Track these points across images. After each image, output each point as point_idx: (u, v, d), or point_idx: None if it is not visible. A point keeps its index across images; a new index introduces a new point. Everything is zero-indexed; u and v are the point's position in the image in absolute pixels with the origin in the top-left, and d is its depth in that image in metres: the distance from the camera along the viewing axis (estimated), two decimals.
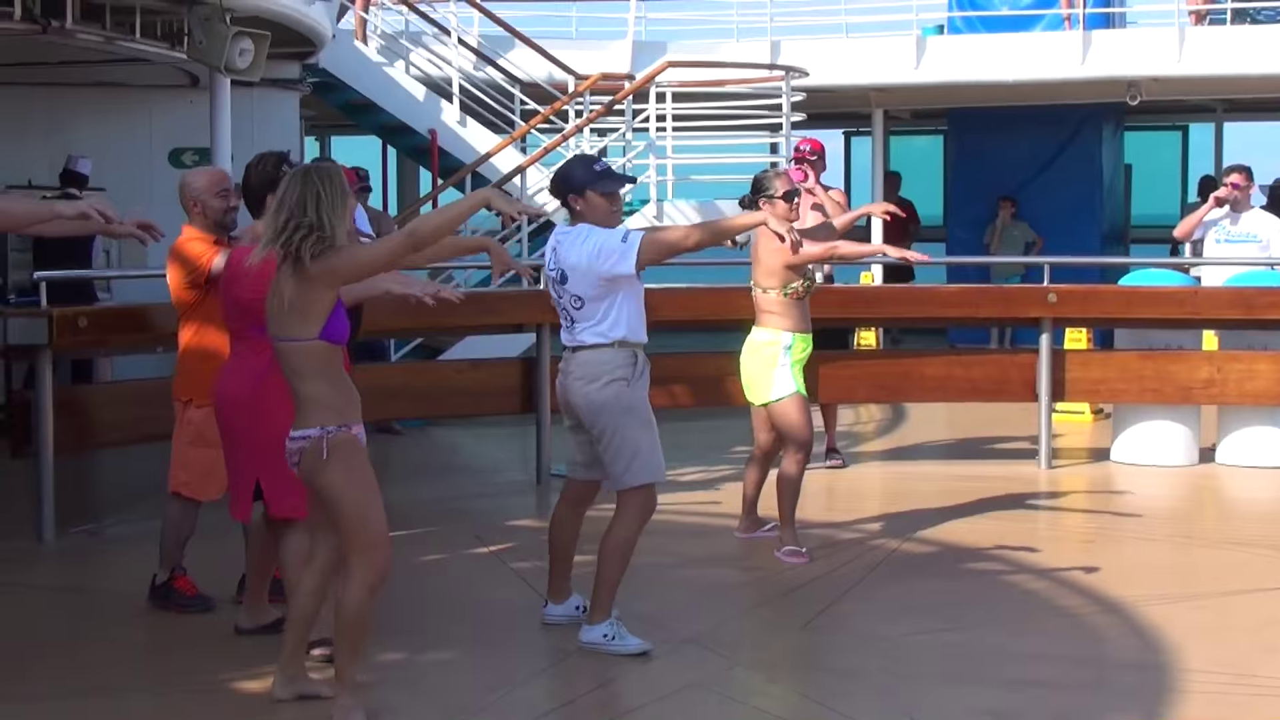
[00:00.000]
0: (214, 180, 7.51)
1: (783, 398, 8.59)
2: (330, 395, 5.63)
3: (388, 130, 16.92)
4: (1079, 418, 13.82)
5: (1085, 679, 6.58)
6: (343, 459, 5.63)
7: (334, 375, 5.67)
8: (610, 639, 6.79)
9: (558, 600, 7.20)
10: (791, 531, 8.62)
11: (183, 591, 7.51)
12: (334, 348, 5.68)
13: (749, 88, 16.14)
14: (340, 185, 5.63)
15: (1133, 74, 17.21)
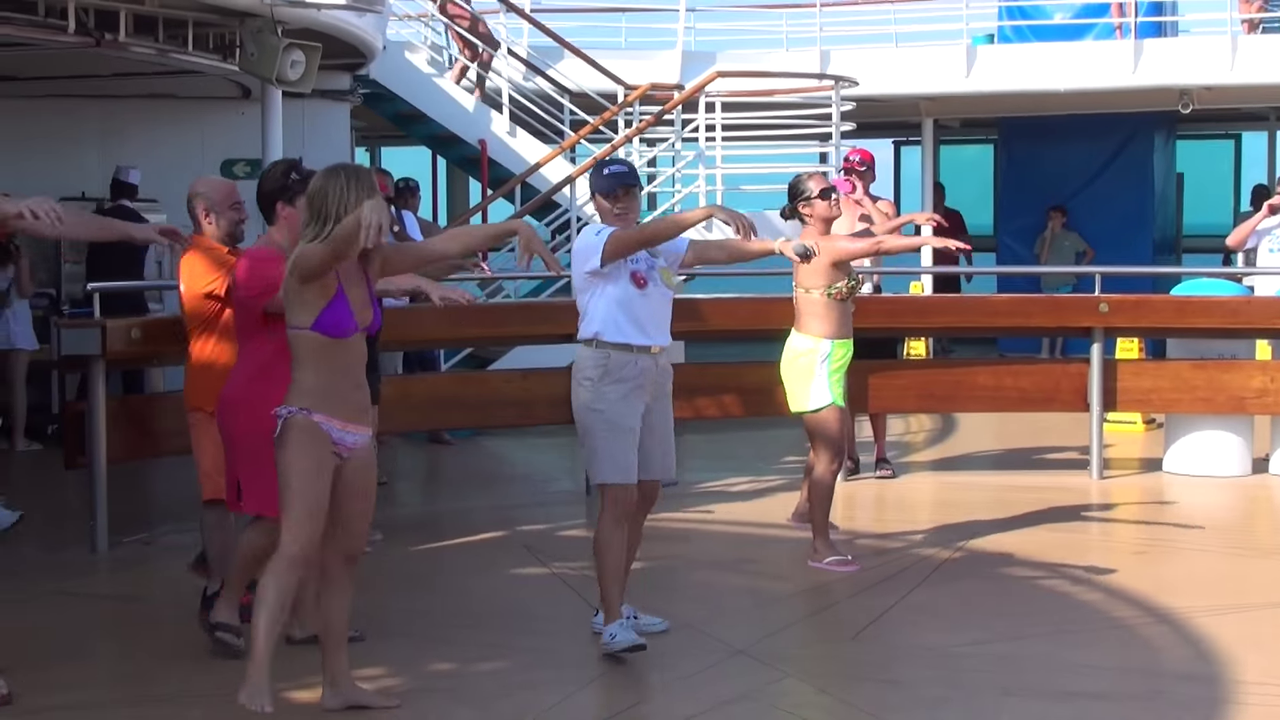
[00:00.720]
0: (229, 192, 7.57)
1: (819, 409, 8.60)
2: (311, 383, 5.76)
3: (437, 141, 16.98)
4: (1130, 428, 13.74)
5: (1138, 690, 6.54)
6: (293, 440, 5.76)
7: (324, 366, 5.79)
8: (614, 638, 6.82)
9: None
10: (825, 540, 8.62)
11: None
12: (331, 340, 5.78)
13: (798, 97, 16.12)
14: (367, 184, 5.79)
15: (1185, 83, 17.13)
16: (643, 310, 6.95)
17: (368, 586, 7.74)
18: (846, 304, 8.69)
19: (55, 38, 9.74)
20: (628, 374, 6.89)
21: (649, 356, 6.96)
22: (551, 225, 15.25)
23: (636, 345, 6.93)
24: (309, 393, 5.78)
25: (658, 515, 10.12)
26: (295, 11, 10.55)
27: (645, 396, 6.96)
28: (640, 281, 6.94)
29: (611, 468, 6.91)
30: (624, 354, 6.90)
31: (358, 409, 5.91)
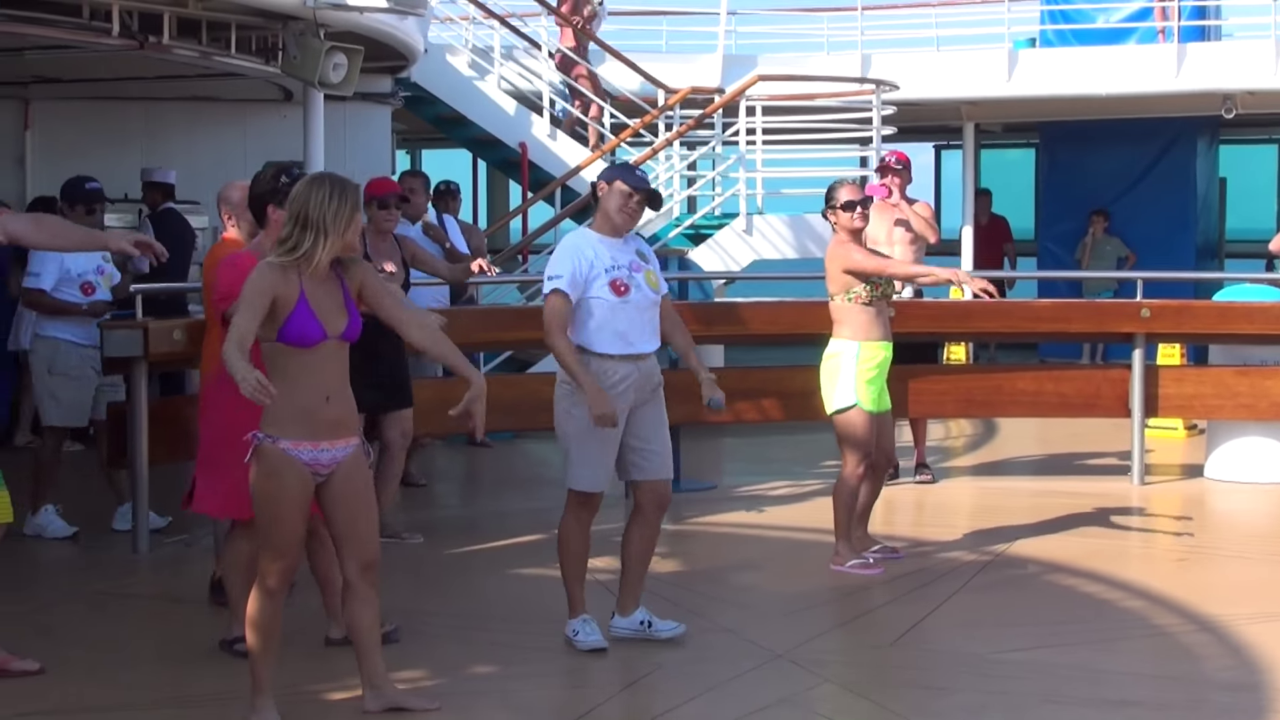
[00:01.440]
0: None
1: (843, 409, 8.59)
2: (279, 403, 5.60)
3: (478, 143, 17.02)
4: (1172, 434, 13.68)
5: (1180, 698, 6.52)
6: (262, 470, 5.74)
7: (293, 380, 5.71)
8: (575, 634, 7.02)
9: (623, 613, 7.25)
10: (847, 543, 8.64)
11: None
12: (298, 351, 5.73)
13: (839, 101, 16.10)
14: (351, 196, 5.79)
15: (1228, 87, 17.04)
16: (623, 318, 6.95)
17: (406, 588, 7.78)
18: (876, 307, 8.63)
19: (100, 40, 9.79)
20: (607, 381, 6.90)
21: (629, 363, 6.97)
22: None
23: (616, 354, 6.94)
24: (277, 416, 5.68)
25: (697, 519, 10.16)
26: (337, 14, 10.58)
27: (628, 400, 6.97)
28: (620, 289, 6.93)
29: (583, 475, 7.04)
30: (603, 361, 6.93)
31: (332, 424, 5.80)
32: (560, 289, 6.87)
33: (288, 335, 5.71)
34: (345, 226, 5.74)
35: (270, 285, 5.68)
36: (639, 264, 7.05)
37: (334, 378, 5.83)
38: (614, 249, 7.01)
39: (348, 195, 5.77)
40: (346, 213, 5.74)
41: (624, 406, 6.95)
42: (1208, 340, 12.44)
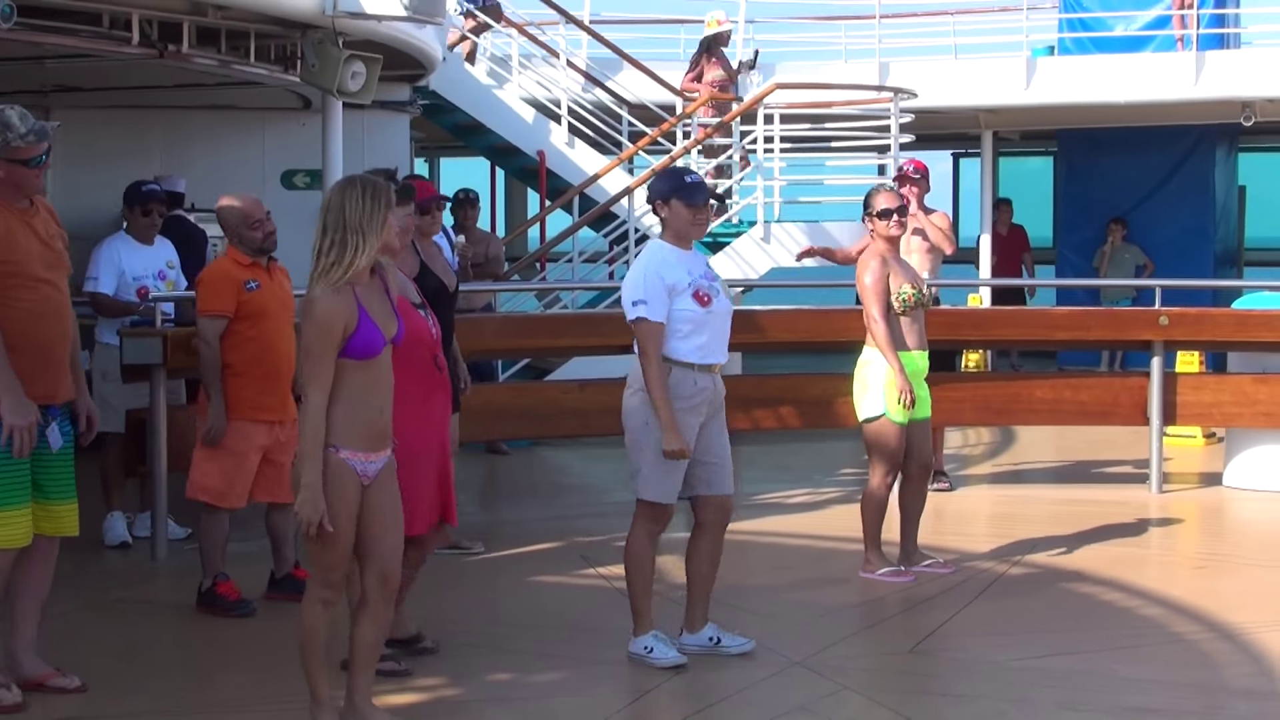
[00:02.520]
0: (246, 212, 7.99)
1: (871, 419, 8.58)
2: (336, 413, 5.63)
3: (496, 152, 17.04)
4: (1190, 441, 13.65)
5: (1198, 706, 6.51)
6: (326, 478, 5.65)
7: (350, 393, 5.66)
8: (649, 651, 6.88)
9: (691, 629, 7.15)
10: (878, 551, 8.61)
11: (224, 596, 7.86)
12: (360, 364, 5.67)
13: (857, 109, 16.11)
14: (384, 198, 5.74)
15: (1247, 95, 17.03)
16: (705, 329, 6.89)
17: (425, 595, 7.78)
18: (911, 316, 8.59)
19: (119, 49, 9.81)
20: (684, 392, 6.84)
21: (708, 375, 6.94)
22: (610, 236, 15.28)
23: (698, 364, 6.88)
24: (337, 426, 5.64)
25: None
26: (356, 23, 10.60)
27: (700, 415, 6.92)
28: (703, 299, 6.88)
29: (655, 486, 6.92)
30: (684, 371, 6.86)
31: (382, 435, 5.78)
32: (646, 317, 6.79)
33: (354, 350, 5.65)
34: (381, 228, 5.69)
35: (339, 319, 5.62)
36: (711, 272, 7.03)
37: (388, 387, 5.81)
38: (689, 260, 6.95)
39: (380, 197, 5.71)
40: (381, 215, 5.69)
41: (697, 421, 6.90)
42: (1226, 348, 12.42)
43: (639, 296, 6.82)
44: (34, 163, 6.29)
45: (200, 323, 7.89)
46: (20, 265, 6.18)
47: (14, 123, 6.26)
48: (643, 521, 7.01)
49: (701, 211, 6.96)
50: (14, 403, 6.04)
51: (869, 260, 8.62)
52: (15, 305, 6.15)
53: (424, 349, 6.67)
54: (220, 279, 7.91)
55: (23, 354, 6.13)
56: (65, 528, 6.44)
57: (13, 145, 6.23)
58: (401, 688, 6.53)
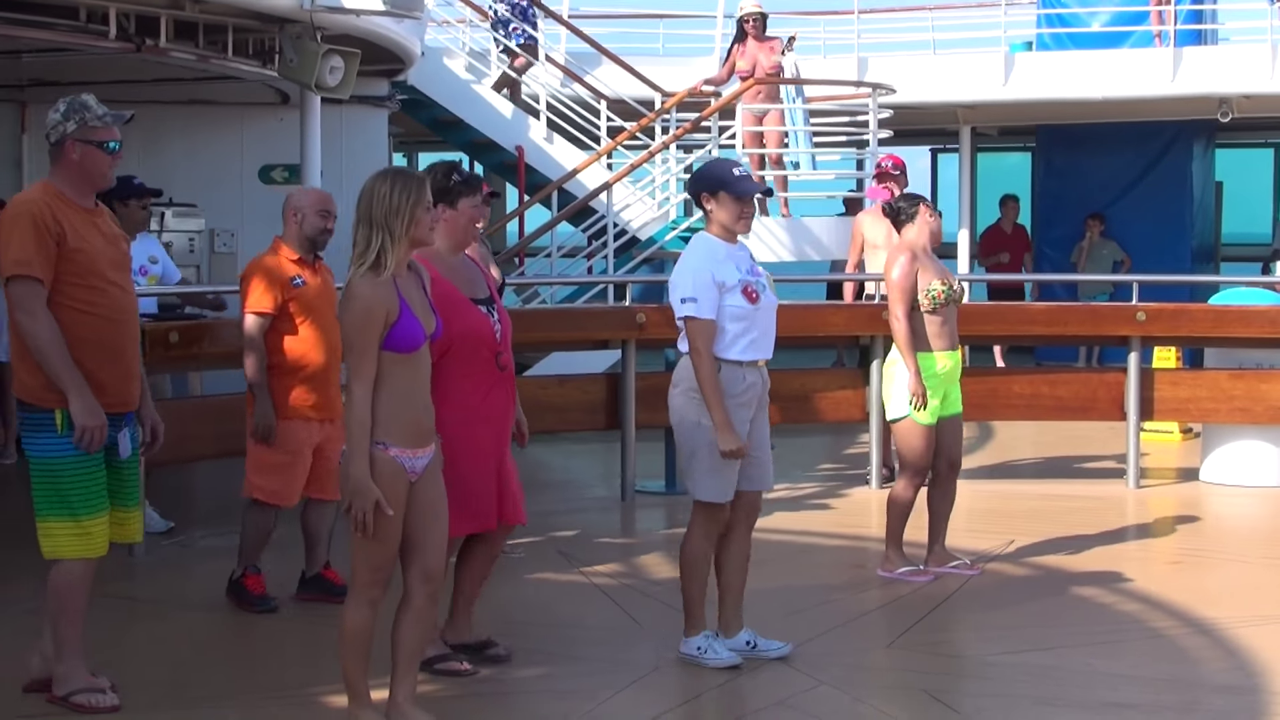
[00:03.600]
0: (320, 199, 7.91)
1: (897, 419, 8.51)
2: (383, 410, 5.56)
3: (475, 147, 17.02)
4: (1167, 437, 13.70)
5: (1175, 701, 6.52)
6: (375, 476, 5.56)
7: (395, 387, 5.58)
8: (703, 652, 6.79)
9: (726, 634, 7.03)
10: (899, 550, 8.54)
11: (250, 590, 7.79)
12: (402, 357, 5.59)
13: (836, 104, 16.12)
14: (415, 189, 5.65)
15: (1224, 91, 17.09)
16: (754, 325, 6.80)
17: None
18: (942, 315, 8.42)
19: (96, 43, 9.80)
20: (735, 389, 6.74)
21: (755, 370, 6.84)
22: (589, 231, 15.28)
23: (746, 361, 6.79)
24: (383, 423, 5.55)
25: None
26: (334, 18, 10.59)
27: (750, 410, 6.82)
28: (752, 296, 6.78)
29: (712, 485, 6.79)
30: (734, 369, 6.75)
31: (427, 431, 5.71)
32: (696, 315, 6.67)
33: (396, 341, 5.56)
34: (409, 223, 5.59)
35: (379, 309, 5.54)
36: (756, 267, 6.93)
37: (427, 382, 5.74)
38: (736, 254, 6.84)
39: (409, 190, 5.61)
40: (409, 209, 5.59)
41: (747, 416, 6.80)
42: (1203, 343, 12.45)
43: (688, 294, 6.71)
44: (108, 147, 6.16)
45: (245, 320, 7.74)
46: (89, 266, 6.03)
47: (90, 104, 6.18)
48: (700, 522, 6.88)
49: (749, 204, 6.85)
50: (83, 404, 5.92)
51: (897, 255, 8.49)
52: (87, 309, 6.02)
53: (484, 347, 6.55)
54: (266, 276, 7.74)
55: (96, 359, 6.03)
56: (131, 534, 6.38)
57: (90, 124, 6.12)
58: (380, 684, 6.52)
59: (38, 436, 6.05)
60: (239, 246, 14.06)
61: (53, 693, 6.20)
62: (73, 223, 6.04)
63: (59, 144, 6.12)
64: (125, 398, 6.19)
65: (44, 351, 5.92)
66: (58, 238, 5.96)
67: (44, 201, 6.01)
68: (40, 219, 5.95)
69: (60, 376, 5.92)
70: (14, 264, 5.93)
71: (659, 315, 11.26)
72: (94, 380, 6.00)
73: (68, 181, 6.11)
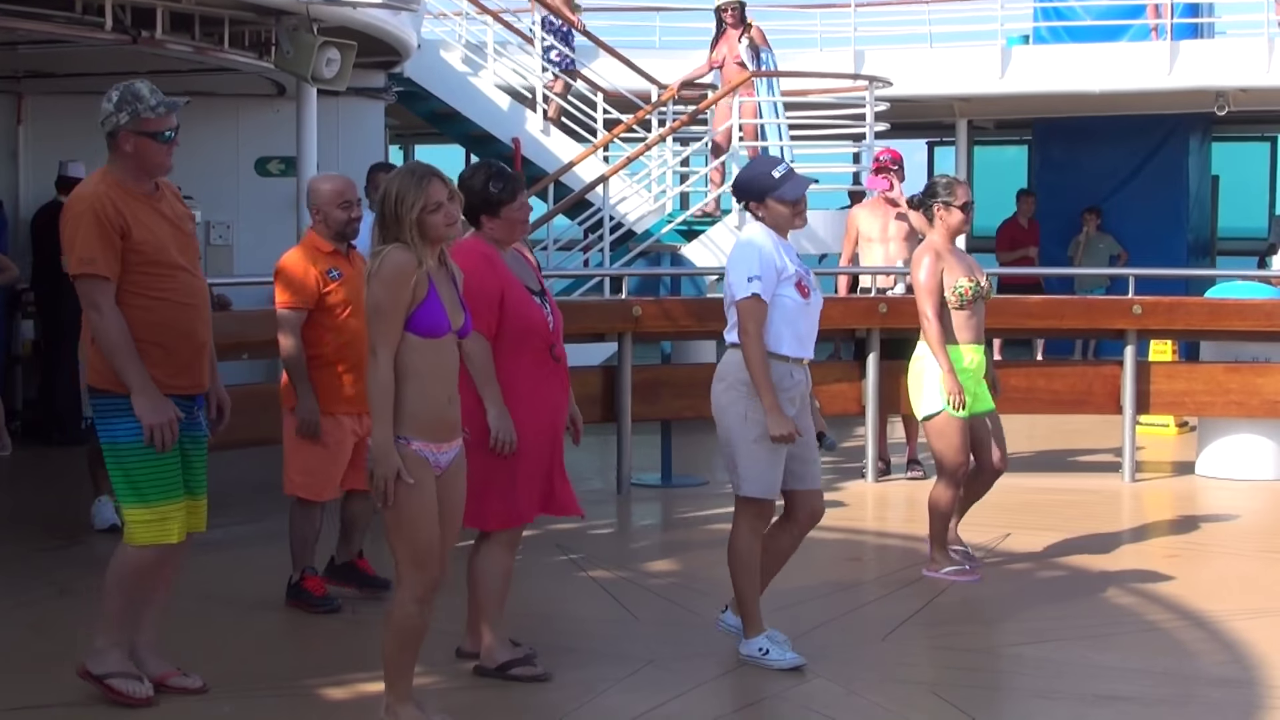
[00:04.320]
0: (338, 190, 7.69)
1: (929, 416, 8.43)
2: (408, 404, 5.50)
3: (471, 139, 17.01)
4: (1163, 430, 13.70)
5: (1171, 694, 6.53)
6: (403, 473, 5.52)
7: (420, 376, 5.51)
8: (765, 653, 6.73)
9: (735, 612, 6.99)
10: (943, 550, 8.45)
11: (311, 591, 7.67)
12: (425, 342, 5.52)
13: (832, 97, 16.11)
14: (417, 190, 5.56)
15: (1221, 84, 17.09)
16: (804, 321, 6.76)
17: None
18: (969, 310, 8.36)
19: (92, 35, 9.78)
20: (783, 385, 6.68)
21: (802, 369, 6.80)
22: (585, 224, 15.27)
23: (793, 357, 6.74)
24: (406, 417, 5.50)
25: (689, 515, 10.19)
26: (331, 9, 10.58)
27: (795, 408, 6.76)
28: (804, 290, 6.73)
29: (758, 481, 6.73)
30: (782, 365, 6.70)
31: (452, 425, 5.66)
32: (759, 293, 6.61)
33: (420, 322, 5.50)
34: (417, 217, 5.51)
35: (409, 275, 5.47)
36: (805, 266, 6.87)
37: (454, 377, 5.67)
38: (787, 249, 6.79)
39: (419, 186, 5.53)
40: (419, 204, 5.52)
41: (793, 414, 6.72)
42: (1199, 337, 12.46)
43: (754, 272, 6.63)
44: (163, 137, 6.08)
45: (280, 316, 7.58)
46: (156, 254, 5.97)
47: (143, 93, 6.08)
48: (747, 519, 6.82)
49: (801, 204, 6.76)
50: (149, 401, 5.87)
51: (923, 255, 8.41)
52: (156, 296, 5.97)
53: (537, 338, 6.50)
54: (300, 270, 7.56)
55: (169, 345, 5.99)
56: (198, 524, 6.30)
57: (142, 116, 6.04)
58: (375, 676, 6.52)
59: (112, 421, 6.00)
60: (235, 239, 14.05)
61: (85, 667, 6.14)
62: (135, 212, 5.99)
63: (113, 135, 6.06)
64: (200, 379, 6.16)
65: (111, 348, 5.88)
66: (121, 231, 5.91)
67: (105, 194, 5.95)
68: (103, 213, 5.90)
69: (126, 374, 5.87)
70: (80, 262, 5.89)
71: (655, 308, 11.28)
72: (167, 365, 5.96)
73: (125, 171, 6.06)
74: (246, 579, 8.24)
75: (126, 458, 5.99)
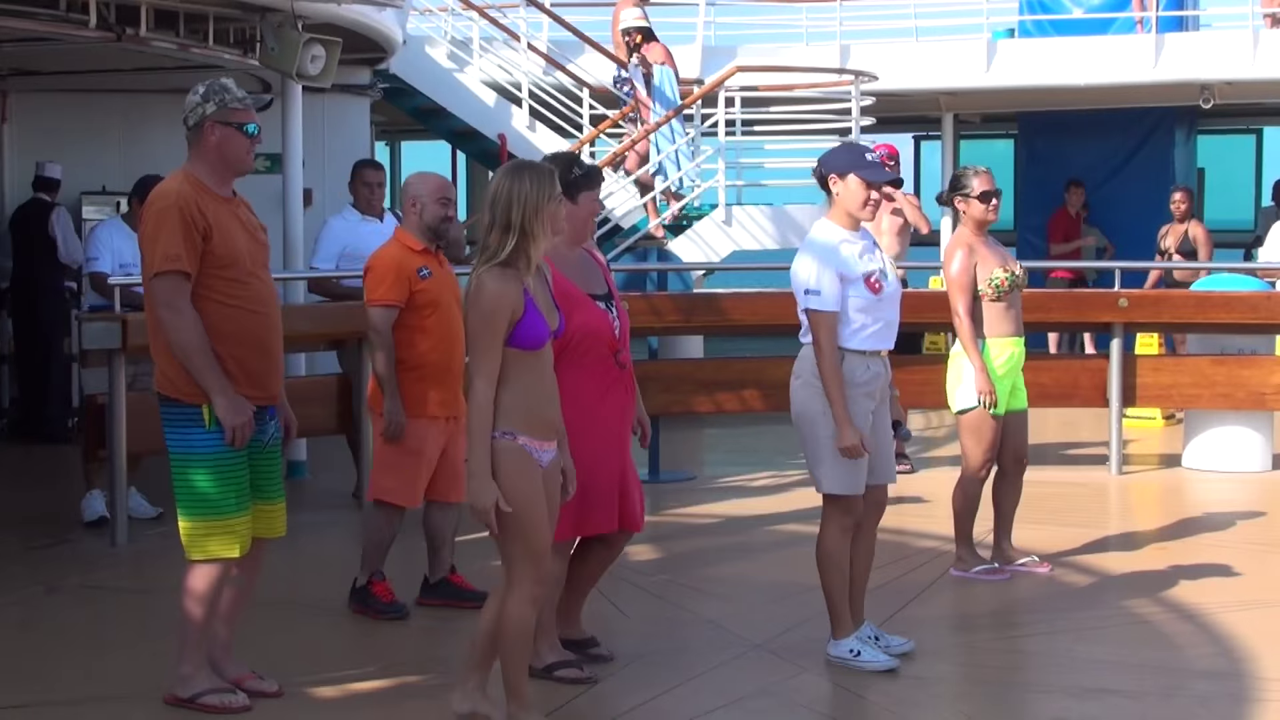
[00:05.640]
0: (440, 185, 7.62)
1: (964, 411, 8.35)
2: (509, 401, 5.46)
3: (457, 135, 17.00)
4: (1150, 423, 13.72)
5: (1158, 687, 6.54)
6: (506, 468, 5.46)
7: (522, 382, 5.49)
8: (856, 655, 6.70)
9: None
10: (969, 549, 8.42)
11: (379, 597, 7.57)
12: (527, 354, 5.50)
13: (818, 92, 16.11)
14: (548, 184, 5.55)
15: (1206, 77, 17.11)
16: (878, 315, 6.73)
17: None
18: (1006, 301, 8.33)
19: (76, 32, 9.76)
20: (860, 378, 6.66)
21: (879, 361, 6.78)
22: None
23: (869, 350, 6.72)
24: (510, 413, 5.47)
25: (677, 510, 10.18)
26: (316, 6, 10.56)
27: (874, 401, 6.74)
28: (875, 287, 6.68)
29: (842, 478, 6.68)
30: (859, 358, 6.68)
31: (551, 425, 5.63)
32: (821, 309, 6.60)
33: (521, 339, 5.46)
34: (548, 220, 5.51)
35: (507, 305, 5.44)
36: (878, 253, 6.82)
37: (553, 378, 5.65)
38: (856, 242, 6.74)
39: (545, 187, 5.50)
40: (551, 207, 5.50)
41: (871, 406, 6.71)
42: (1185, 329, 12.47)
43: (811, 285, 6.62)
44: (247, 130, 6.05)
45: (371, 314, 7.47)
46: (233, 260, 5.94)
47: (230, 86, 6.10)
48: (834, 517, 6.77)
49: (877, 192, 6.70)
50: (228, 402, 5.84)
51: (954, 250, 8.34)
52: (231, 303, 5.93)
53: (601, 344, 6.40)
54: (391, 266, 7.46)
55: (245, 352, 5.95)
56: (276, 528, 6.24)
57: (230, 106, 6.04)
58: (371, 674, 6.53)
59: (182, 431, 5.96)
60: None
61: (174, 694, 6.08)
62: (217, 215, 5.96)
63: (198, 126, 6.06)
64: (271, 390, 6.10)
65: (188, 349, 5.84)
66: (204, 231, 5.89)
67: (189, 193, 5.93)
68: (187, 211, 5.88)
69: (203, 375, 5.84)
70: (164, 259, 5.85)
71: (642, 304, 11.28)
72: (241, 373, 5.93)
73: (207, 167, 6.05)
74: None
75: (194, 468, 5.94)
